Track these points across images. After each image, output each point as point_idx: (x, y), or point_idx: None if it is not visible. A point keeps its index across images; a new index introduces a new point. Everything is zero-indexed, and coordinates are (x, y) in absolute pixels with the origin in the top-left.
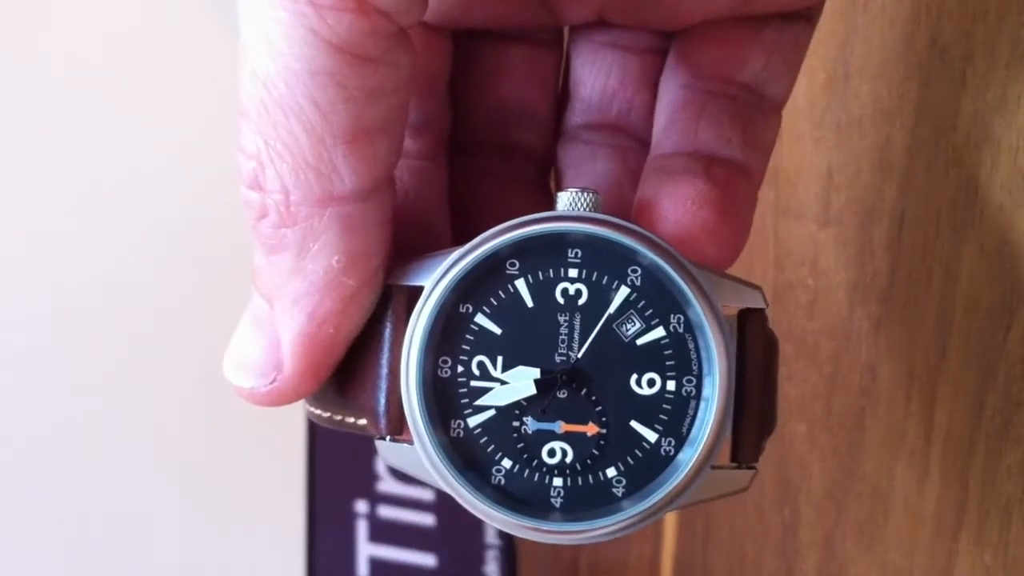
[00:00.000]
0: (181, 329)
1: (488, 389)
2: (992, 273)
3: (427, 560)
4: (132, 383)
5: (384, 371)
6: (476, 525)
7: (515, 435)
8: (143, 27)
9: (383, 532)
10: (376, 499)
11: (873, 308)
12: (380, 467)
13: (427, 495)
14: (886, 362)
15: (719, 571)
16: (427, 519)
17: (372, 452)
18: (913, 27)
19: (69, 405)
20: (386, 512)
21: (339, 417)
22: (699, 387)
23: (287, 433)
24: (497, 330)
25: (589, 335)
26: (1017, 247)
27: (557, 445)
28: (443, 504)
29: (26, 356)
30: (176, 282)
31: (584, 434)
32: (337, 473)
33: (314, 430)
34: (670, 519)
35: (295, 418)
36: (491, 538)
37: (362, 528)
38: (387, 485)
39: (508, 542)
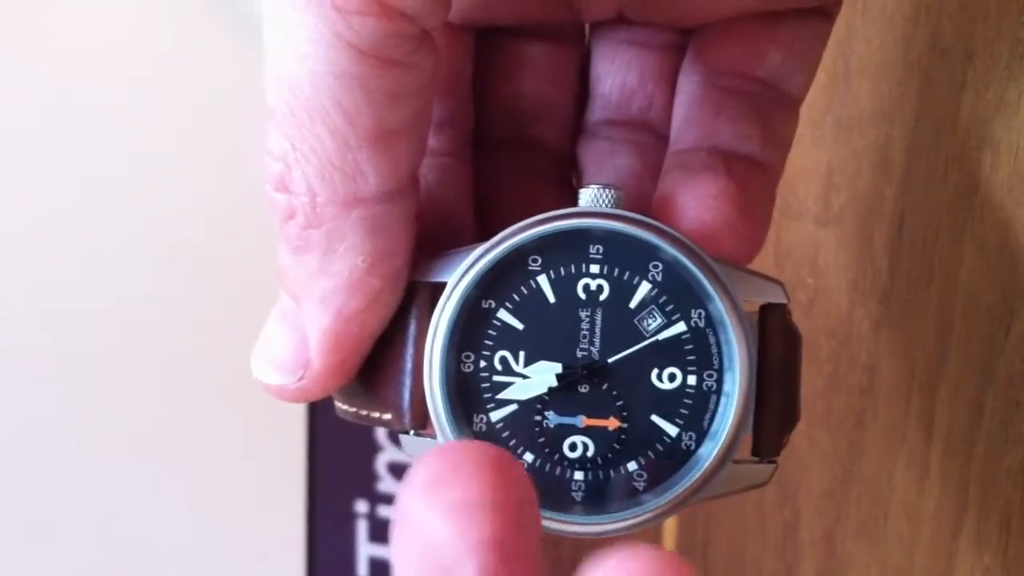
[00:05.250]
0: (182, 330)
1: (510, 384)
2: (992, 273)
3: None
4: (132, 383)
5: (408, 366)
6: None
7: (537, 429)
8: (146, 29)
9: (383, 532)
10: (376, 499)
11: (873, 308)
12: (380, 467)
13: None
14: (886, 362)
15: (719, 571)
16: None
17: (372, 452)
18: (913, 27)
19: (69, 407)
20: (386, 512)
21: (365, 412)
22: (720, 381)
23: (287, 433)
24: (519, 325)
25: (610, 330)
26: (1017, 247)
27: (578, 439)
28: None
29: (26, 356)
30: (178, 284)
31: (605, 428)
32: (337, 473)
33: (314, 430)
34: (670, 519)
35: (295, 419)
36: None
37: (362, 528)
38: (387, 485)
39: None
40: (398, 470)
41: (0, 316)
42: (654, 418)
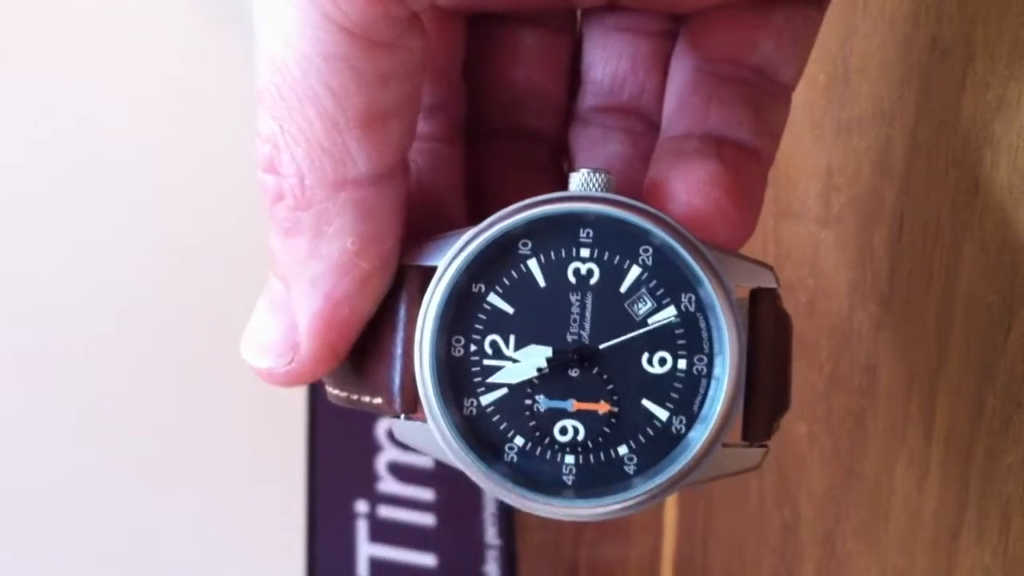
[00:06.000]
0: (181, 329)
1: (500, 368)
2: (992, 273)
3: (427, 560)
4: (132, 383)
5: (398, 350)
6: (476, 525)
7: (527, 413)
8: (155, 37)
9: (383, 532)
10: (376, 499)
11: (873, 308)
12: (380, 467)
13: (427, 495)
14: (886, 362)
15: (719, 570)
16: (427, 519)
17: (372, 452)
18: (913, 27)
19: (69, 406)
20: (386, 512)
21: (355, 396)
22: (710, 366)
23: (287, 433)
24: (509, 309)
25: (600, 314)
26: (1017, 247)
27: (569, 423)
28: (443, 504)
29: (24, 355)
30: (177, 283)
31: (596, 412)
32: (337, 473)
33: (314, 430)
34: (670, 518)
35: (295, 418)
36: (491, 538)
37: (362, 528)
38: (387, 485)
39: (508, 542)
40: (398, 470)
41: (3, 316)
42: (644, 402)
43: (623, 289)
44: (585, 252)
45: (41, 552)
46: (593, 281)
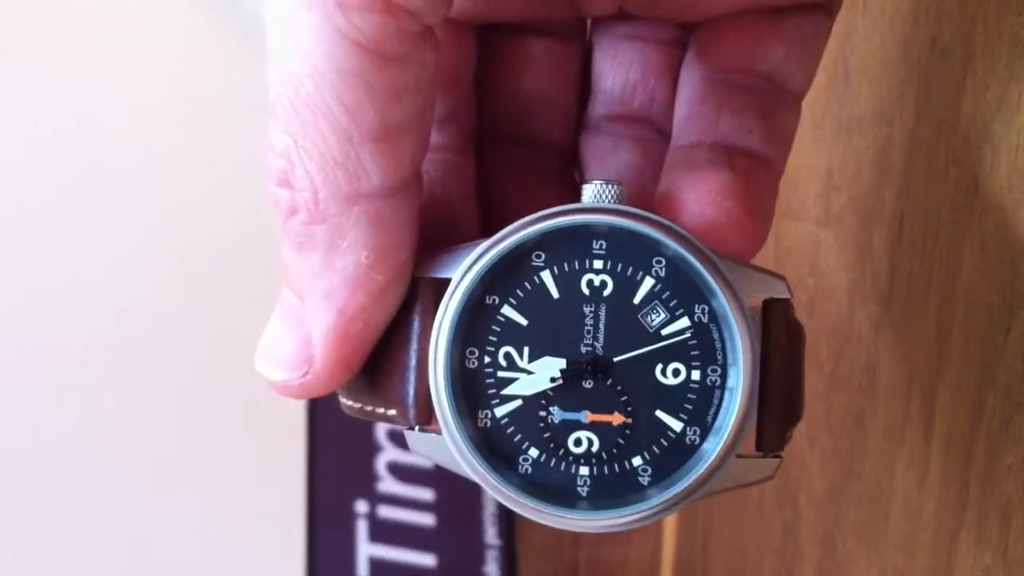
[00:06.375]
0: (182, 329)
1: (515, 379)
2: (992, 273)
3: (427, 560)
4: (132, 383)
5: (412, 362)
6: (476, 525)
7: (542, 425)
8: (155, 37)
9: (383, 532)
10: (376, 499)
11: (873, 308)
12: (380, 467)
13: (427, 495)
14: (886, 362)
15: (719, 571)
16: (427, 519)
17: (372, 452)
18: (913, 27)
19: (69, 406)
20: (386, 512)
21: (370, 408)
22: (724, 377)
23: (287, 433)
24: (523, 321)
25: (614, 326)
26: (1017, 247)
27: (583, 434)
28: (443, 504)
29: (24, 355)
30: (177, 283)
31: (610, 423)
32: (337, 473)
33: (314, 430)
34: (670, 519)
35: (295, 419)
36: (491, 538)
37: (362, 528)
38: (387, 485)
39: (508, 542)
40: (398, 470)
41: (3, 316)
42: (658, 413)
43: (636, 300)
44: (598, 264)
45: (41, 552)
46: (607, 293)
